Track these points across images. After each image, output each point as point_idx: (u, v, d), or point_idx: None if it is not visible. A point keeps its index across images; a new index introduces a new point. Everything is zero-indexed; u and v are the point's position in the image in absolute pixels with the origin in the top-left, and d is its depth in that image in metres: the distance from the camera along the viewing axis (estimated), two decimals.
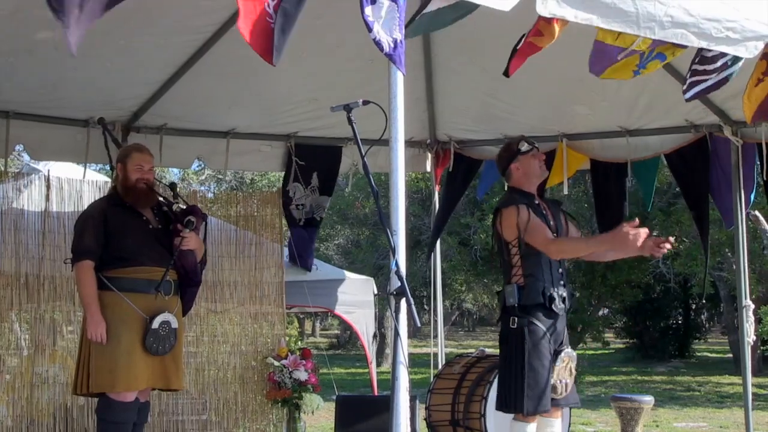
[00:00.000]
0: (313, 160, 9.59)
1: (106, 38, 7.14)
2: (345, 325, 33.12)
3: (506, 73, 5.38)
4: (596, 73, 5.42)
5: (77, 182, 8.68)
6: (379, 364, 20.50)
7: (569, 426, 8.10)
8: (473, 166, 10.06)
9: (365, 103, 4.79)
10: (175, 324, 6.55)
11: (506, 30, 6.59)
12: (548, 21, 5.04)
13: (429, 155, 10.13)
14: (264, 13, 4.31)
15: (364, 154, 4.67)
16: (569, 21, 4.81)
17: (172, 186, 7.11)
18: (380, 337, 26.49)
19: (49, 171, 9.00)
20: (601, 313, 27.84)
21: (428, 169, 10.27)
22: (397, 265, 4.41)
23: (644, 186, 9.50)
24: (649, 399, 10.16)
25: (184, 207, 6.96)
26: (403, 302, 4.38)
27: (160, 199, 6.98)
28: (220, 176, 30.51)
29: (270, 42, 4.38)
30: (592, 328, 25.56)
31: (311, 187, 9.55)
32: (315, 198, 9.60)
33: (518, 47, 5.31)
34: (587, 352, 29.34)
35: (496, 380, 7.68)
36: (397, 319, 4.35)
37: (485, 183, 10.71)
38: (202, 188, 28.05)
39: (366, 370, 17.25)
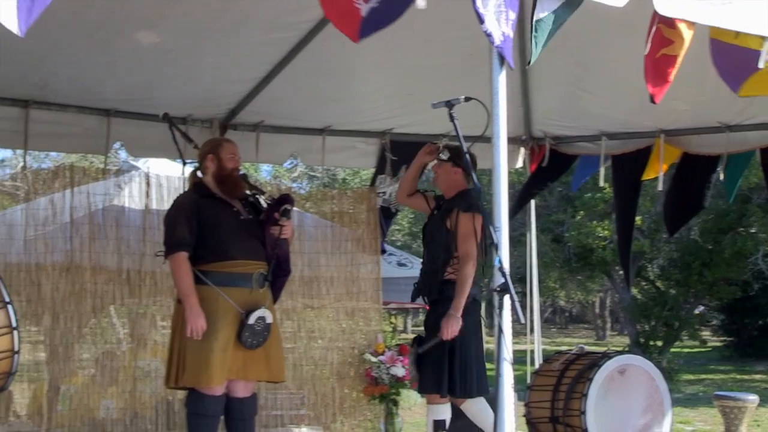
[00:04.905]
0: (406, 156, 9.55)
1: (204, 36, 7.22)
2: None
3: (652, 101, 5.06)
4: (734, 88, 5.15)
5: (176, 179, 8.76)
6: None
7: (671, 424, 8.04)
8: (567, 162, 9.99)
9: (467, 99, 4.78)
10: (269, 319, 6.54)
11: (602, 23, 6.56)
12: (670, 24, 4.87)
13: (523, 150, 10.06)
14: None
15: (466, 150, 4.67)
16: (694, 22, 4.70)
17: (244, 177, 7.07)
18: None
19: (149, 168, 9.11)
20: (697, 310, 27.51)
21: (520, 164, 10.21)
22: (500, 261, 4.39)
23: (730, 179, 9.33)
24: (753, 398, 9.97)
25: (276, 197, 6.98)
26: (506, 298, 4.36)
27: (247, 192, 6.99)
28: (313, 173, 30.65)
29: (357, 24, 4.34)
30: (688, 326, 25.27)
31: (397, 177, 9.55)
32: (396, 188, 9.57)
33: (647, 67, 5.01)
34: (683, 350, 29.01)
35: (596, 377, 7.65)
36: (500, 315, 4.34)
37: (579, 177, 10.62)
38: (294, 185, 28.21)
39: None
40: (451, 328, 6.78)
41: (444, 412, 7.00)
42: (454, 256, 6.97)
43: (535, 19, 4.64)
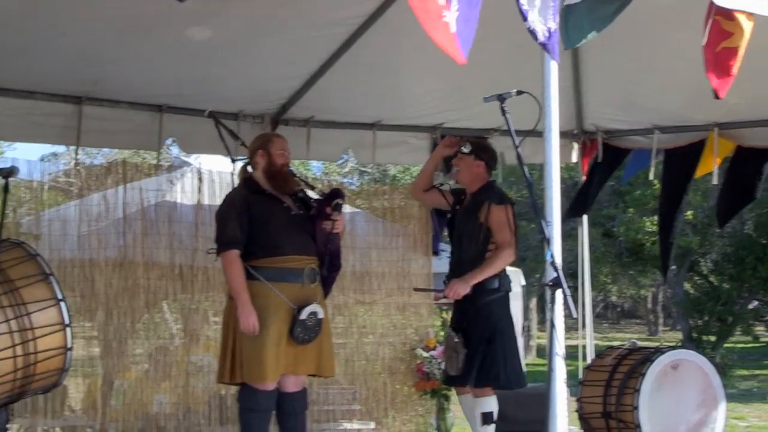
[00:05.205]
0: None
1: (255, 32, 7.25)
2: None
3: (716, 96, 5.03)
4: None
5: (228, 175, 8.77)
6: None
7: (725, 420, 7.97)
8: (620, 156, 9.93)
9: (519, 93, 4.76)
10: (321, 314, 6.54)
11: (655, 16, 6.50)
12: (728, 16, 4.80)
13: (575, 145, 10.00)
14: (438, 8, 4.23)
15: (518, 144, 4.65)
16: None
17: (291, 173, 7.07)
18: (524, 328, 26.40)
19: (200, 164, 9.15)
20: (751, 305, 27.31)
21: (574, 159, 10.15)
22: (552, 255, 4.38)
23: None
24: None
25: (327, 192, 6.98)
26: (558, 293, 4.35)
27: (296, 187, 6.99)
28: (363, 168, 30.71)
29: (454, 41, 4.31)
30: (742, 321, 25.07)
31: (450, 175, 9.52)
32: (451, 186, 9.53)
33: (708, 61, 4.96)
34: (737, 345, 28.78)
35: (649, 372, 7.60)
36: (552, 309, 4.33)
37: (630, 170, 10.59)
38: (345, 181, 28.27)
39: None
40: (457, 290, 6.84)
41: (491, 404, 7.00)
42: (488, 249, 6.97)
43: (565, 3, 4.64)
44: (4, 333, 5.49)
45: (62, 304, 5.75)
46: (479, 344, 6.88)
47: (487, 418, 6.95)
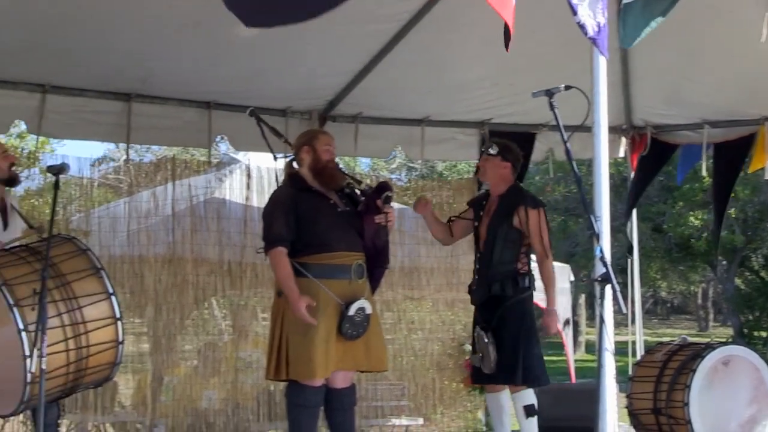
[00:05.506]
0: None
1: (303, 28, 7.23)
2: (538, 312, 32.96)
3: None
4: None
5: (276, 171, 8.80)
6: None
7: None
8: (668, 151, 9.87)
9: (567, 88, 4.74)
10: (369, 310, 6.49)
11: (705, 11, 6.43)
12: None
13: (624, 140, 9.95)
14: None
15: (567, 139, 4.63)
16: None
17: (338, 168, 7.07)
18: (573, 324, 26.32)
19: (249, 160, 9.19)
20: None
21: (622, 154, 10.10)
22: (601, 251, 4.35)
23: None
24: None
25: (374, 185, 6.96)
26: (608, 288, 4.32)
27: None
28: (411, 164, 30.68)
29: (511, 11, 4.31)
30: None
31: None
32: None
33: None
34: None
35: (700, 367, 7.56)
36: (602, 305, 4.31)
37: (683, 168, 10.51)
38: (393, 176, 28.26)
39: (560, 358, 17.13)
40: (555, 321, 6.87)
41: (531, 396, 6.97)
42: (521, 251, 6.95)
43: (623, 2, 4.63)
44: (56, 327, 5.52)
45: (113, 297, 5.79)
46: (517, 343, 6.85)
47: (530, 410, 6.93)
